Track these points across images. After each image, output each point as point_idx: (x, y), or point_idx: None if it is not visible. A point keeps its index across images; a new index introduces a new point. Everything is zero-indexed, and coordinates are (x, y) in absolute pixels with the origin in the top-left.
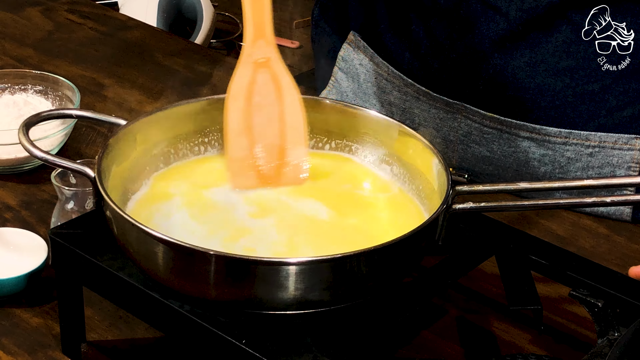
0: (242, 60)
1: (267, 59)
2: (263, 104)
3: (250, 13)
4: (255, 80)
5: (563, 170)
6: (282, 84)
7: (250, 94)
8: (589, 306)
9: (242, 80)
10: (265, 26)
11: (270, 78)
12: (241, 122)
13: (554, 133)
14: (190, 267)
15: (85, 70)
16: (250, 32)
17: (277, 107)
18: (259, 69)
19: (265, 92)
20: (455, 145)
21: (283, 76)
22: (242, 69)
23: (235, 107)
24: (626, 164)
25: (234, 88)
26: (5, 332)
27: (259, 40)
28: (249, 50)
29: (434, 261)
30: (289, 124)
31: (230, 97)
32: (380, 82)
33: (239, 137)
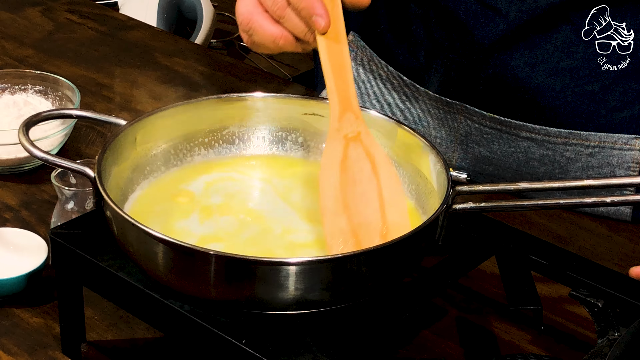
0: (331, 135)
1: (358, 132)
2: (358, 179)
3: (333, 85)
4: (348, 155)
5: (563, 170)
6: (377, 158)
7: (344, 169)
8: (589, 306)
9: (333, 155)
10: (351, 98)
11: (363, 152)
12: (336, 199)
13: (553, 133)
14: (190, 267)
15: (85, 70)
16: (335, 106)
17: (373, 182)
18: (350, 143)
19: (359, 167)
20: (455, 145)
21: (377, 150)
22: (332, 144)
23: (328, 184)
24: (626, 164)
25: (325, 164)
26: (5, 332)
27: (347, 114)
28: (335, 124)
29: (434, 261)
30: (389, 200)
31: (322, 174)
32: (380, 82)
33: (336, 216)
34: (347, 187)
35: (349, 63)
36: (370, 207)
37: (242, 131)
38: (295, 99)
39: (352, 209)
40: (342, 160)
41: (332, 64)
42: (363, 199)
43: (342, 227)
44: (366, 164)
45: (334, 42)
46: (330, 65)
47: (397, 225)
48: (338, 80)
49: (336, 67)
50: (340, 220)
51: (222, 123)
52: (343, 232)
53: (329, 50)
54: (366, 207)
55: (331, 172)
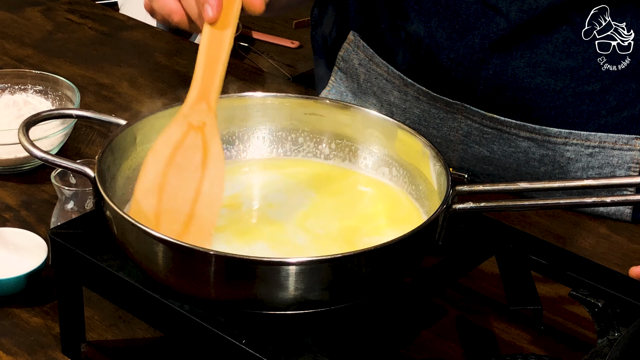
0: (177, 117)
1: (203, 123)
2: (184, 167)
3: (201, 73)
4: (184, 141)
5: (563, 170)
6: (211, 152)
7: (175, 153)
8: (589, 306)
9: (170, 137)
10: (212, 91)
11: (201, 143)
12: (155, 180)
13: (554, 133)
14: (190, 267)
15: (85, 70)
16: (194, 93)
17: (197, 174)
18: (191, 131)
19: (190, 156)
20: (455, 145)
21: (214, 144)
22: (174, 126)
23: (154, 162)
24: (626, 164)
25: (159, 143)
26: (5, 332)
27: (201, 103)
28: (186, 110)
29: (434, 261)
30: (205, 194)
31: (152, 151)
32: (380, 82)
33: (148, 195)
34: (170, 170)
35: (225, 57)
36: (184, 196)
37: (242, 131)
38: (295, 99)
39: (165, 193)
40: (177, 144)
41: (207, 53)
42: (180, 187)
43: (148, 207)
44: (198, 155)
45: (218, 32)
46: (206, 54)
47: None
48: (207, 70)
49: (211, 57)
50: (150, 200)
51: (221, 123)
52: (146, 211)
53: (210, 39)
54: (179, 196)
55: (161, 153)
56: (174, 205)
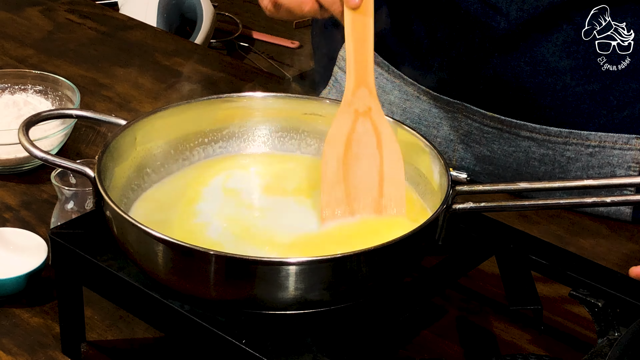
0: (342, 108)
1: (369, 108)
2: (362, 154)
3: (353, 59)
4: (355, 129)
5: (563, 170)
6: (384, 136)
7: (349, 142)
8: (589, 306)
9: (341, 128)
10: (368, 74)
11: (372, 128)
12: (337, 171)
13: (554, 133)
14: (190, 267)
15: (85, 70)
16: (351, 80)
17: (376, 159)
18: (359, 118)
19: (365, 143)
20: (455, 144)
21: (385, 128)
22: (342, 116)
23: (332, 155)
24: (626, 163)
25: (331, 135)
26: (5, 332)
27: (361, 89)
28: (349, 98)
29: (434, 261)
30: (389, 178)
31: (327, 145)
32: (381, 81)
33: (334, 187)
34: (349, 159)
35: (371, 38)
36: (369, 181)
37: (242, 131)
38: (295, 99)
39: (351, 181)
40: (349, 133)
41: (354, 38)
42: (364, 173)
43: (338, 197)
44: (372, 139)
45: (361, 16)
46: (353, 39)
47: (393, 201)
48: (358, 55)
49: (358, 41)
50: (338, 190)
51: (222, 123)
52: (338, 202)
53: (354, 23)
54: (365, 181)
55: (336, 144)
56: (362, 194)
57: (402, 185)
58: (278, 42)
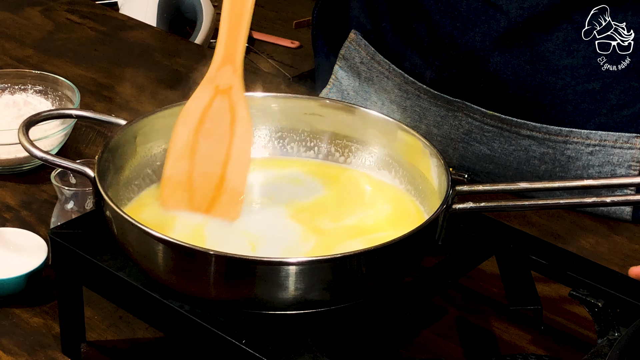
0: (204, 82)
1: (230, 86)
2: (213, 131)
3: (225, 35)
4: (212, 106)
5: (563, 168)
6: (238, 116)
7: (203, 118)
8: (589, 306)
9: (198, 102)
10: (237, 52)
11: (228, 107)
12: (186, 144)
13: (554, 131)
14: (190, 267)
15: (85, 70)
16: (219, 56)
17: (226, 138)
18: (218, 95)
19: (218, 120)
20: (456, 143)
21: (241, 108)
22: (201, 91)
23: (184, 127)
24: (626, 162)
25: (187, 107)
26: (5, 332)
27: (226, 66)
28: (212, 73)
29: (434, 261)
30: (235, 158)
31: (181, 116)
32: (381, 80)
33: (180, 159)
34: (200, 135)
35: (248, 17)
36: (215, 159)
37: None
38: (295, 99)
39: (197, 157)
40: (205, 109)
41: (230, 17)
42: (211, 150)
43: (181, 172)
44: (226, 118)
45: None
46: (228, 17)
47: (234, 181)
48: (231, 31)
49: (233, 20)
50: (182, 164)
51: None
52: (180, 176)
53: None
54: (211, 159)
55: (190, 118)
56: (206, 169)
57: (245, 167)
58: (278, 42)
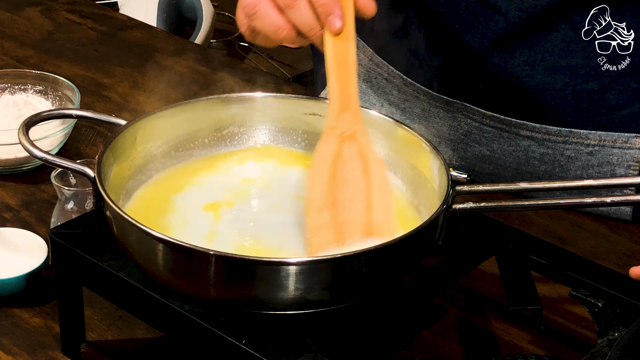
0: (326, 132)
1: (354, 132)
2: (348, 179)
3: (336, 83)
4: (342, 153)
5: (563, 169)
6: (370, 158)
7: (335, 167)
8: (589, 306)
9: (326, 152)
10: (351, 98)
11: (357, 152)
12: (323, 197)
13: (554, 132)
14: (190, 267)
15: (85, 70)
16: (335, 104)
17: (363, 183)
18: (345, 141)
19: (351, 167)
20: (455, 144)
21: (370, 151)
22: (326, 141)
23: (317, 180)
24: (626, 162)
25: (316, 160)
26: (5, 332)
27: (345, 113)
28: (333, 122)
29: (434, 261)
30: (376, 201)
31: (312, 170)
32: (380, 81)
33: (321, 213)
34: (336, 184)
35: (354, 62)
36: (356, 206)
37: (242, 131)
38: (295, 99)
39: (338, 207)
40: (335, 157)
41: (336, 63)
42: (351, 198)
43: (325, 224)
44: (358, 163)
45: (342, 41)
46: (335, 64)
47: (382, 228)
48: (341, 79)
49: (341, 65)
50: (324, 216)
51: (222, 123)
52: (325, 228)
53: (335, 48)
54: (352, 207)
55: (322, 169)
56: (350, 218)
57: (390, 209)
58: None
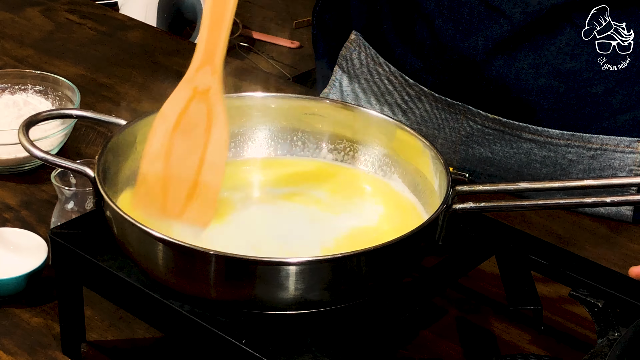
0: (182, 83)
1: (208, 88)
2: (189, 133)
3: (206, 35)
4: (189, 107)
5: (564, 172)
6: (215, 119)
7: (180, 119)
8: (589, 306)
9: (175, 102)
10: (217, 53)
11: (205, 109)
12: (161, 146)
13: (556, 135)
14: (190, 267)
15: (85, 70)
16: (198, 56)
17: (201, 141)
18: (196, 96)
19: (194, 123)
20: (456, 146)
21: (218, 111)
22: (179, 92)
23: (160, 127)
24: (627, 166)
25: (165, 108)
26: (5, 332)
27: (205, 67)
28: (191, 74)
29: (434, 261)
30: (209, 163)
31: (158, 117)
32: (382, 82)
33: (155, 161)
34: (175, 136)
35: (229, 17)
36: (189, 162)
37: (241, 131)
38: (295, 99)
39: (172, 159)
40: (182, 110)
41: (212, 15)
42: (186, 152)
43: (155, 173)
44: (202, 120)
45: None
46: (211, 16)
47: (207, 187)
48: (212, 32)
49: (216, 16)
50: (157, 166)
51: None
52: (154, 178)
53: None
54: (185, 161)
55: (167, 119)
56: (180, 171)
57: (220, 172)
58: (278, 42)
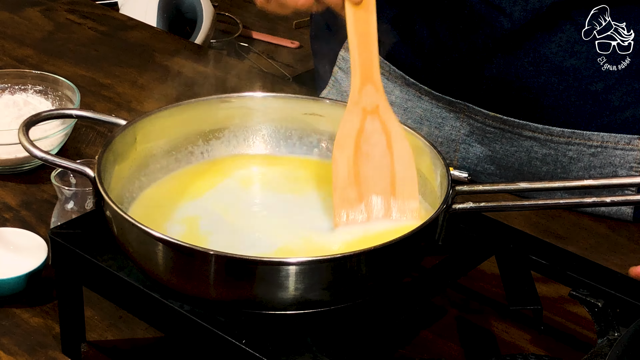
0: (349, 107)
1: (377, 106)
2: (372, 154)
3: (357, 56)
4: (364, 129)
5: (565, 170)
6: (393, 133)
7: (359, 143)
8: (589, 306)
9: (349, 128)
10: (373, 70)
11: (380, 126)
12: (349, 174)
13: (556, 133)
14: (190, 267)
15: (85, 70)
16: (357, 78)
17: (387, 159)
18: (367, 116)
19: (374, 142)
20: (457, 144)
21: (393, 125)
22: (349, 116)
23: (341, 156)
24: (628, 164)
25: (340, 136)
26: (5, 332)
27: (367, 86)
28: (356, 96)
29: (434, 261)
30: (400, 176)
31: (337, 146)
32: (382, 81)
33: (347, 189)
34: (360, 160)
35: (375, 34)
36: (381, 181)
37: (242, 131)
38: (295, 99)
39: (363, 182)
40: (358, 133)
41: (357, 34)
42: (375, 173)
43: (351, 200)
44: (381, 138)
45: (363, 11)
46: (356, 35)
47: (407, 202)
48: (362, 51)
49: (362, 37)
50: (350, 192)
51: (222, 123)
52: (352, 204)
53: (356, 19)
54: (377, 182)
55: (346, 145)
56: (375, 192)
57: (414, 183)
58: (278, 42)
